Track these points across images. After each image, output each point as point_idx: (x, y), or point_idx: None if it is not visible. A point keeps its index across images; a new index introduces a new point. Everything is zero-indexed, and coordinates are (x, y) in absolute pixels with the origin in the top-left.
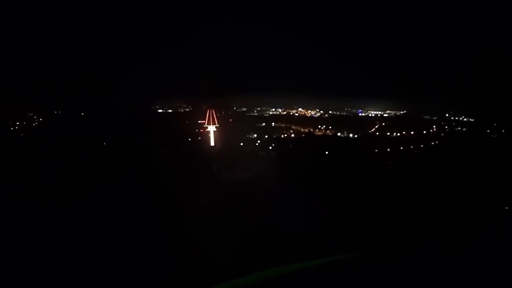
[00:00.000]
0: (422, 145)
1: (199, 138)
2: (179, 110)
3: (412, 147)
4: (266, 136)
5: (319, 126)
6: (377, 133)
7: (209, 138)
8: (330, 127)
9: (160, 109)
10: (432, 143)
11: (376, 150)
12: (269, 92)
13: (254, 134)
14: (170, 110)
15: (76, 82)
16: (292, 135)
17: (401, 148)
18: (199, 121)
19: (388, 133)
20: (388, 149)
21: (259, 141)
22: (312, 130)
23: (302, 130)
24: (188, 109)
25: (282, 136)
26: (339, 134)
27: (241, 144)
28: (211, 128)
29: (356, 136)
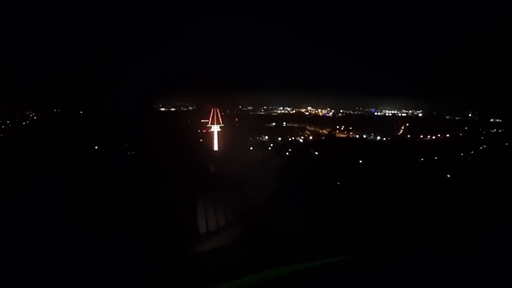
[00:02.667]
0: (471, 151)
1: (201, 140)
2: (182, 108)
3: (462, 153)
4: (280, 139)
5: (338, 127)
6: (408, 136)
7: (212, 140)
8: (350, 128)
9: (162, 107)
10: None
11: (422, 159)
12: (276, 89)
13: (264, 135)
14: (173, 109)
15: (76, 80)
16: (310, 138)
17: (449, 155)
18: (202, 120)
19: (422, 136)
20: (436, 157)
21: (272, 145)
22: (331, 131)
23: (320, 131)
24: (191, 108)
25: (299, 138)
26: (364, 136)
27: (251, 148)
28: (215, 128)
29: (385, 139)
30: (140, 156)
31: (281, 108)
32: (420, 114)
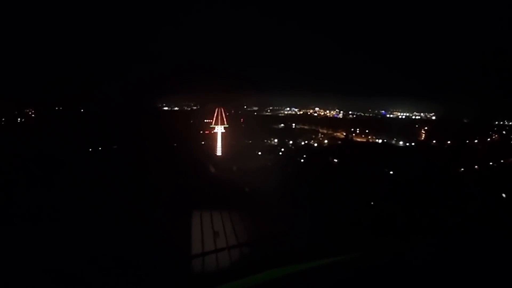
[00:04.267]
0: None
1: (203, 142)
2: (185, 108)
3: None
4: (291, 142)
5: (352, 130)
6: (434, 141)
7: (215, 143)
8: (367, 131)
9: (166, 106)
10: None
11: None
12: (282, 90)
13: (273, 138)
14: (176, 108)
15: (78, 79)
16: (325, 141)
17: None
18: (205, 120)
19: (449, 142)
20: (476, 166)
21: (282, 149)
22: (348, 135)
23: (335, 134)
24: (195, 107)
25: (312, 142)
26: (385, 141)
27: (259, 153)
28: (219, 129)
29: (409, 144)
30: (136, 158)
31: (288, 108)
32: (434, 117)
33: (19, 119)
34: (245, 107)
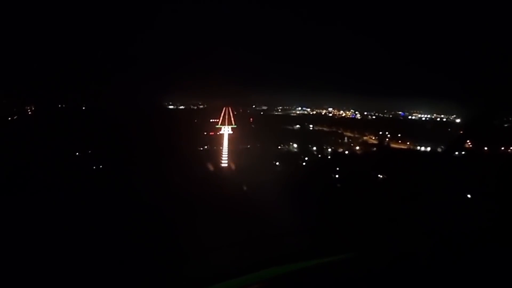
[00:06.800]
0: None
1: (206, 147)
2: (191, 106)
3: None
4: (314, 148)
5: (380, 133)
6: (486, 148)
7: (221, 147)
8: (399, 135)
9: (172, 105)
10: None
11: None
12: (293, 88)
13: (291, 142)
14: (182, 107)
15: (80, 76)
16: (357, 148)
17: None
18: (211, 120)
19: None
20: None
21: (306, 158)
22: (380, 140)
23: (364, 138)
24: (202, 106)
25: (340, 147)
26: (428, 148)
27: (276, 163)
28: (226, 130)
29: (462, 154)
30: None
31: (299, 108)
32: (458, 120)
33: (9, 117)
34: (253, 106)
